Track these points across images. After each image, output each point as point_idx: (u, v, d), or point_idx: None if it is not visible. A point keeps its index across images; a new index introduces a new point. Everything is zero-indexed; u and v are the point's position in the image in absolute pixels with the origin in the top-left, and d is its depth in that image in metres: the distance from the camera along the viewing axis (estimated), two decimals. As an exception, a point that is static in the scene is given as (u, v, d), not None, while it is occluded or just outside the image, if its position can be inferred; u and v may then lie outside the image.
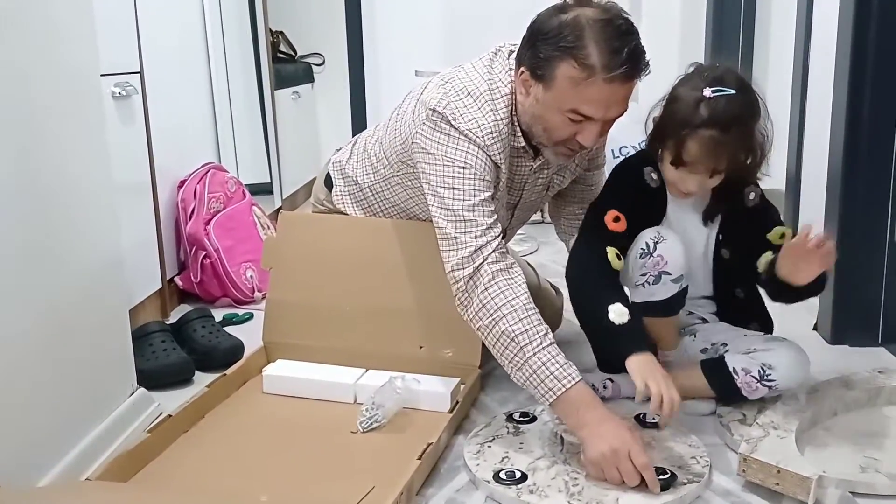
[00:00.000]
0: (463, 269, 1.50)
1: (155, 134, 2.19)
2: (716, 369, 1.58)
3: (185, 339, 1.94)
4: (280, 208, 3.17)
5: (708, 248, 1.66)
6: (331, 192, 1.91)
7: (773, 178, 1.62)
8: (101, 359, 1.51)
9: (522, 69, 1.53)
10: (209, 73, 2.80)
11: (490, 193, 1.56)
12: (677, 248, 1.56)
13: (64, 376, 1.39)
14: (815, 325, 2.08)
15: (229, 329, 2.07)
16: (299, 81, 3.76)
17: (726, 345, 1.65)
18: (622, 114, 1.51)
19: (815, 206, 2.07)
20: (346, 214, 1.88)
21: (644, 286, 1.57)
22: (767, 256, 1.58)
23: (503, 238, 1.57)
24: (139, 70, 2.11)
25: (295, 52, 3.90)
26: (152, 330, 1.87)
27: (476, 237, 1.51)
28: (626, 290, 1.59)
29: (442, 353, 1.75)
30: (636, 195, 1.60)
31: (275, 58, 3.49)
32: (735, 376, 1.55)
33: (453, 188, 1.54)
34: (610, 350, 1.50)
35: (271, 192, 3.18)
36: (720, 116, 1.43)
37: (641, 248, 1.56)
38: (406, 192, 1.76)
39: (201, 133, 2.73)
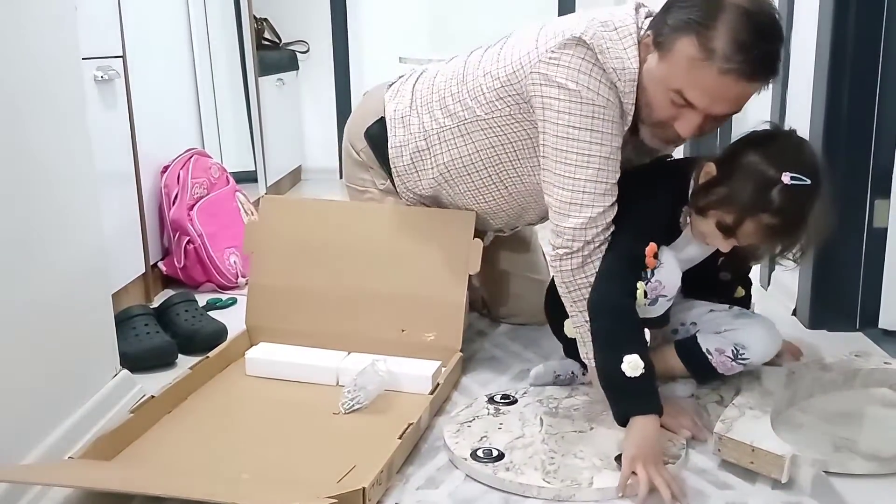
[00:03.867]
0: (575, 241, 1.45)
1: (138, 119, 2.19)
2: (690, 351, 1.60)
3: (168, 322, 1.93)
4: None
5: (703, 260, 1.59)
6: (374, 144, 1.78)
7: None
8: (84, 342, 1.51)
9: (649, 32, 1.41)
10: (192, 60, 2.78)
11: (619, 143, 1.45)
12: (675, 270, 1.48)
13: (46, 359, 1.39)
14: (794, 310, 2.10)
15: (213, 314, 2.07)
16: (284, 69, 3.74)
17: (696, 324, 1.66)
18: (730, 114, 1.40)
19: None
20: (392, 168, 1.77)
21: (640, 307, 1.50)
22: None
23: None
24: (122, 54, 2.10)
25: (279, 40, 3.88)
26: (135, 313, 1.87)
27: (599, 201, 1.44)
28: None
29: (424, 337, 1.76)
30: (665, 235, 1.51)
31: (259, 45, 3.48)
32: (709, 356, 1.58)
33: (591, 130, 1.43)
34: (611, 398, 1.41)
35: (256, 181, 3.17)
36: (790, 209, 1.33)
37: None
38: (485, 140, 1.62)
39: (185, 119, 2.72)
